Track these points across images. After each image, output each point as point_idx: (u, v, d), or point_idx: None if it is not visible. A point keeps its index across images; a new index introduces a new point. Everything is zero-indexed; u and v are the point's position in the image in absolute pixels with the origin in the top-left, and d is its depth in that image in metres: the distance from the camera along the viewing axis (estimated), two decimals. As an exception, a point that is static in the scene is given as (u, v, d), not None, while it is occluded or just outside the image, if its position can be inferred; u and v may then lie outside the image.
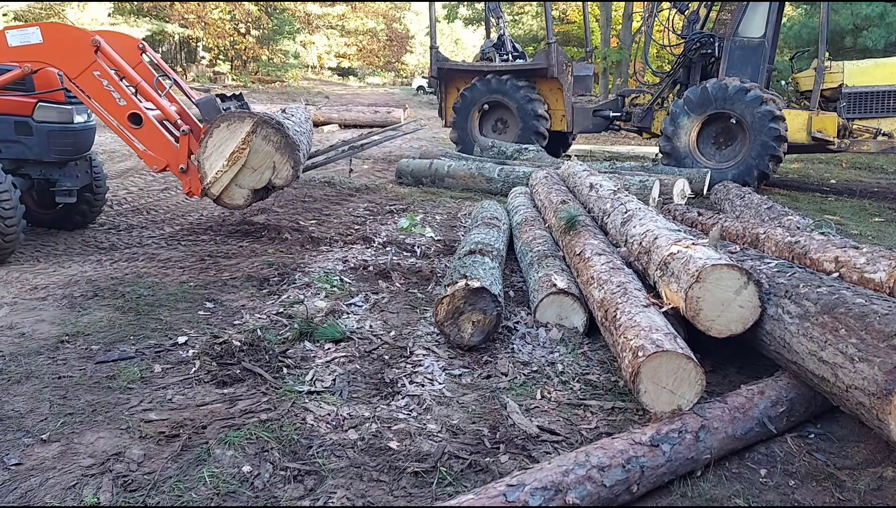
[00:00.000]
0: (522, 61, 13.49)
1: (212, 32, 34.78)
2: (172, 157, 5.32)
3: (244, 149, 4.79)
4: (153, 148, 5.32)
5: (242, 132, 4.73)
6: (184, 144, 5.30)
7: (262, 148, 4.79)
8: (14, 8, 25.55)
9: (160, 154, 5.32)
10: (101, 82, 5.19)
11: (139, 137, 5.28)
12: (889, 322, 2.51)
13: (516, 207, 6.60)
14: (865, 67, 10.38)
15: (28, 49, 5.14)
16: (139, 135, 5.28)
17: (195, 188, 5.29)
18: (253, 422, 2.88)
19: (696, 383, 2.73)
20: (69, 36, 5.23)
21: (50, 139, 5.53)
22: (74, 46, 5.17)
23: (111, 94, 5.22)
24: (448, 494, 2.45)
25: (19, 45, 5.13)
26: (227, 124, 4.78)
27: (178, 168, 5.29)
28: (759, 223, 5.63)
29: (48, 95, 5.51)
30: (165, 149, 5.31)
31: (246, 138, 4.77)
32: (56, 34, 5.20)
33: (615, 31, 24.74)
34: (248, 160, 4.80)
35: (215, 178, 4.80)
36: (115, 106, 5.22)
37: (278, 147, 4.83)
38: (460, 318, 3.73)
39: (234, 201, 4.96)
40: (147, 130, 5.27)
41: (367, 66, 53.06)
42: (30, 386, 3.15)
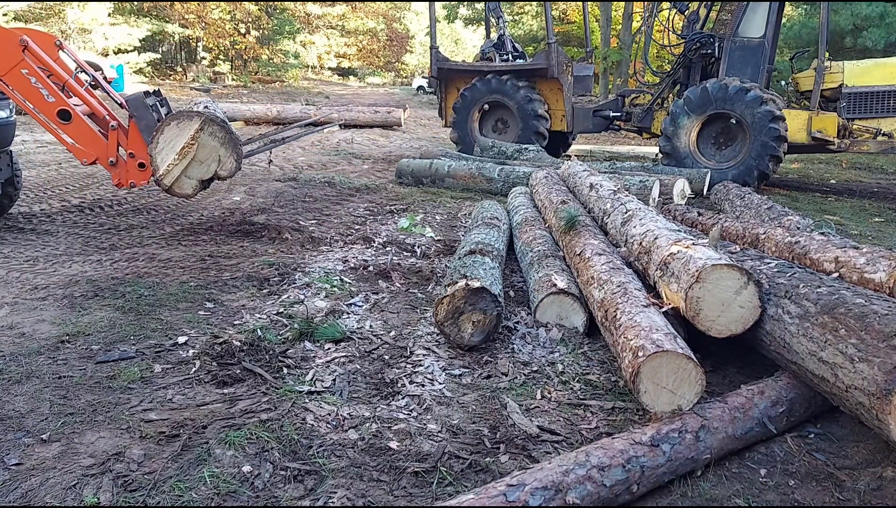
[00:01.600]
0: (522, 61, 13.49)
1: (212, 32, 34.77)
2: (102, 151, 5.63)
3: (192, 144, 5.21)
4: (82, 142, 5.61)
5: (191, 129, 5.14)
6: (113, 138, 5.61)
7: (209, 143, 5.22)
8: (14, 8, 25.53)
9: (89, 148, 5.62)
10: (30, 80, 5.37)
11: (68, 132, 5.57)
12: (889, 322, 2.51)
13: (516, 207, 6.60)
14: (865, 67, 10.38)
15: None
16: (68, 130, 5.56)
17: (124, 180, 5.68)
18: (253, 422, 2.88)
19: (696, 383, 2.73)
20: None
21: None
22: (2, 45, 5.30)
23: (39, 91, 5.40)
24: (448, 494, 2.45)
25: None
26: (176, 123, 5.14)
27: (108, 161, 5.63)
28: (759, 223, 5.63)
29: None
30: (94, 143, 5.61)
31: (194, 135, 5.18)
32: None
33: (615, 32, 24.74)
34: (196, 154, 5.24)
35: (167, 170, 5.19)
36: (44, 103, 5.43)
37: (223, 142, 5.27)
38: (460, 318, 3.73)
39: (184, 191, 5.35)
40: (76, 125, 5.54)
41: (367, 66, 53.06)
42: (30, 386, 3.16)
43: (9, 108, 5.92)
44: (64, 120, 5.52)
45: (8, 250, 5.52)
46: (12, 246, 5.65)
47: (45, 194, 8.02)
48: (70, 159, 10.04)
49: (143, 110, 5.65)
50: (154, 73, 30.90)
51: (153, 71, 30.85)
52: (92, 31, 26.40)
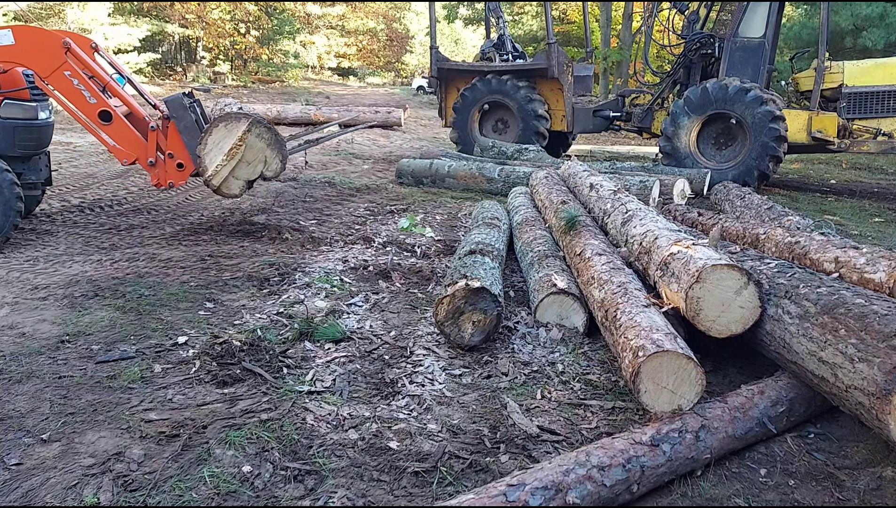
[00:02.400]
0: (522, 61, 13.49)
1: (212, 32, 34.76)
2: (141, 151, 5.81)
3: (240, 146, 5.30)
4: (122, 143, 5.77)
5: (239, 131, 5.25)
6: (152, 139, 5.79)
7: (256, 144, 5.32)
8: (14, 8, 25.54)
9: (129, 149, 5.78)
10: (72, 82, 5.54)
11: (109, 133, 5.72)
12: (889, 322, 2.51)
13: (516, 207, 6.60)
14: (865, 67, 10.38)
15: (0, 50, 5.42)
16: (109, 131, 5.72)
17: (163, 180, 5.88)
18: (253, 422, 2.88)
19: (696, 383, 2.73)
20: (40, 38, 5.53)
21: (15, 135, 5.71)
22: (45, 48, 5.49)
23: (81, 92, 5.57)
24: (448, 494, 2.46)
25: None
26: (224, 124, 5.24)
27: (147, 161, 5.81)
28: (759, 224, 5.64)
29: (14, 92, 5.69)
30: (134, 144, 5.78)
31: (242, 136, 5.28)
32: (28, 36, 5.48)
33: (615, 32, 24.74)
34: (243, 155, 5.34)
35: (216, 171, 5.28)
36: (86, 104, 5.60)
37: (269, 143, 5.38)
38: (461, 318, 3.73)
39: (231, 191, 5.45)
40: (116, 126, 5.71)
41: (367, 66, 53.04)
42: (31, 386, 3.16)
43: (49, 109, 6.07)
44: (105, 121, 5.67)
45: (8, 250, 5.52)
46: (12, 246, 5.65)
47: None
48: (70, 159, 10.05)
49: (182, 112, 5.80)
50: (154, 73, 30.88)
51: (153, 71, 30.83)
52: (92, 31, 26.37)
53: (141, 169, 9.78)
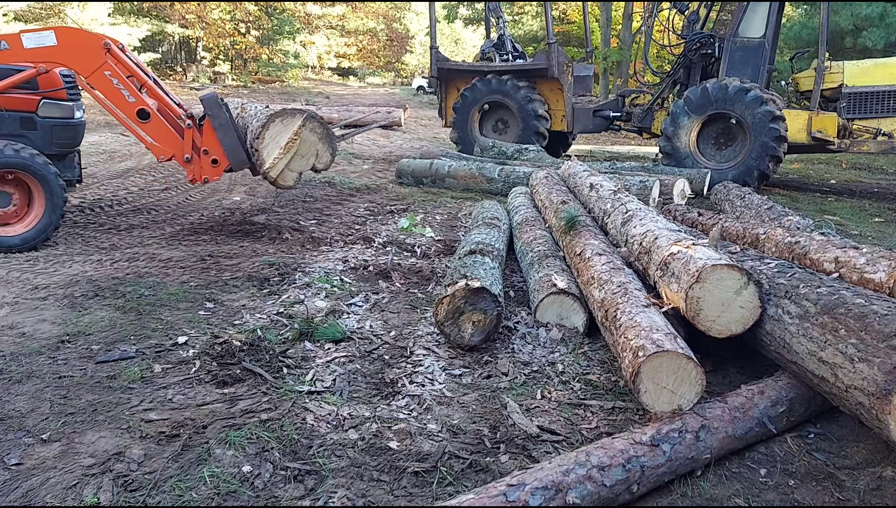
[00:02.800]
0: (522, 61, 13.49)
1: (212, 32, 34.78)
2: (178, 148, 6.02)
3: (295, 140, 5.57)
4: (160, 140, 5.98)
5: (295, 125, 5.51)
6: (188, 136, 6.00)
7: (309, 138, 5.60)
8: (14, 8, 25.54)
9: (166, 145, 5.99)
10: (112, 81, 5.72)
11: (147, 131, 5.92)
12: (889, 322, 2.51)
13: (516, 207, 6.60)
14: (865, 67, 10.39)
15: (42, 51, 5.56)
16: (147, 129, 5.92)
17: (198, 176, 6.09)
18: (253, 422, 2.88)
19: (696, 383, 2.73)
20: (82, 39, 5.73)
21: (53, 133, 5.88)
22: (87, 48, 5.67)
23: (121, 91, 5.75)
24: (448, 494, 2.45)
25: (34, 46, 5.55)
26: (281, 119, 5.52)
27: (184, 158, 6.02)
28: (759, 224, 5.64)
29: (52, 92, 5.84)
30: (171, 141, 6.00)
31: (297, 131, 5.54)
32: (69, 37, 5.66)
33: (615, 32, 24.74)
34: (298, 149, 5.60)
35: (273, 163, 5.54)
36: (125, 102, 5.79)
37: (321, 137, 5.65)
38: (461, 318, 3.73)
39: (286, 182, 5.68)
40: (154, 124, 5.91)
41: (367, 66, 53.04)
42: (31, 386, 3.16)
43: (82, 108, 6.25)
44: (143, 119, 5.87)
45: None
46: (12, 246, 5.65)
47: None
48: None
49: (218, 110, 6.02)
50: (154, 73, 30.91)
51: (153, 71, 30.86)
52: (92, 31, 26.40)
53: (141, 169, 9.86)
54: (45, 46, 5.59)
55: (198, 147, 6.07)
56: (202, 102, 6.05)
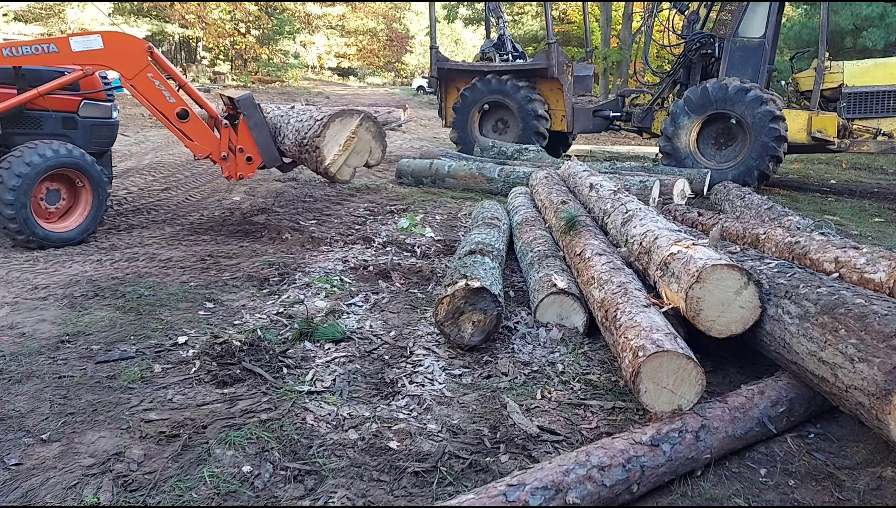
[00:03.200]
0: (522, 61, 13.49)
1: (212, 32, 34.79)
2: (215, 146, 6.33)
3: (353, 138, 5.89)
4: (198, 139, 6.27)
5: (353, 125, 5.84)
6: (224, 135, 6.34)
7: (364, 136, 5.93)
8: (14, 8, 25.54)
9: (204, 144, 6.29)
10: (154, 83, 6.00)
11: (186, 130, 6.20)
12: (889, 322, 2.51)
13: (516, 207, 6.60)
14: (865, 67, 10.39)
15: (90, 54, 5.79)
16: (186, 128, 6.20)
17: (233, 173, 6.42)
18: (253, 422, 2.88)
19: (696, 383, 2.73)
20: (126, 42, 5.98)
21: (92, 133, 6.27)
22: (131, 52, 5.93)
23: (162, 92, 6.05)
24: (448, 494, 2.45)
25: (82, 50, 5.77)
26: (340, 119, 5.83)
27: (220, 156, 6.34)
28: (759, 224, 5.64)
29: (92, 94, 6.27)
30: (208, 139, 6.32)
31: (355, 130, 5.86)
32: (115, 41, 5.91)
33: (615, 31, 24.75)
34: (355, 146, 5.93)
35: (333, 160, 5.87)
36: (166, 103, 6.07)
37: (374, 136, 5.97)
38: (460, 318, 3.73)
39: (344, 177, 5.98)
40: (193, 123, 6.21)
41: (367, 66, 53.06)
42: (30, 386, 3.16)
43: (117, 108, 6.63)
44: (182, 119, 6.15)
45: (8, 250, 5.52)
46: (12, 246, 5.65)
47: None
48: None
49: (253, 110, 6.38)
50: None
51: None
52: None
53: (141, 169, 9.88)
54: (92, 50, 5.81)
55: (233, 145, 6.37)
56: (239, 103, 6.35)
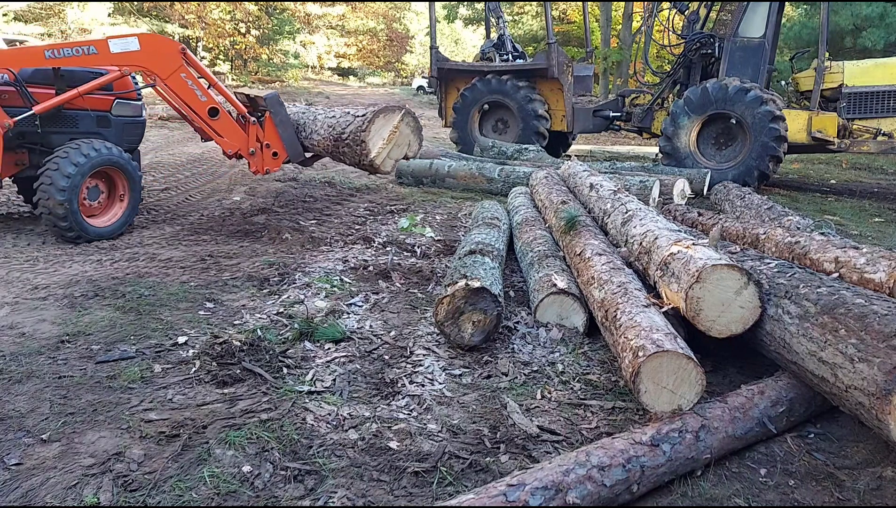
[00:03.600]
0: (522, 61, 13.50)
1: (212, 32, 34.77)
2: (243, 142, 6.59)
3: (396, 132, 6.14)
4: (228, 135, 6.53)
5: (395, 120, 6.11)
6: (252, 132, 6.59)
7: (405, 131, 6.19)
8: (14, 8, 25.54)
9: (233, 140, 6.55)
10: (187, 82, 6.23)
11: (216, 127, 6.47)
12: (889, 322, 2.51)
13: (516, 207, 6.60)
14: (865, 67, 10.39)
15: (127, 55, 6.00)
16: (216, 125, 6.46)
17: (260, 167, 6.69)
18: (253, 422, 2.88)
19: (696, 383, 2.73)
20: (161, 44, 6.22)
21: (124, 131, 6.56)
22: (165, 53, 6.15)
23: (195, 91, 6.28)
24: (448, 494, 2.45)
25: (120, 51, 5.97)
26: (383, 115, 6.11)
27: (248, 151, 6.62)
28: (759, 224, 5.64)
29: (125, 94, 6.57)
30: (237, 136, 6.58)
31: (397, 124, 6.12)
32: (151, 43, 6.15)
33: (615, 32, 24.75)
34: (397, 140, 6.19)
35: (378, 153, 6.11)
36: (198, 102, 6.32)
37: (413, 130, 6.24)
38: (460, 318, 3.73)
39: (386, 169, 6.23)
40: (222, 120, 6.47)
41: (367, 66, 53.06)
42: (30, 386, 3.16)
43: (145, 108, 6.92)
44: (213, 116, 6.40)
45: (8, 250, 5.52)
46: (12, 246, 5.65)
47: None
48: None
49: (279, 108, 6.70)
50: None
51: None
52: (92, 31, 26.39)
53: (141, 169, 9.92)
54: (129, 52, 6.00)
55: (260, 141, 6.62)
56: (266, 101, 6.63)
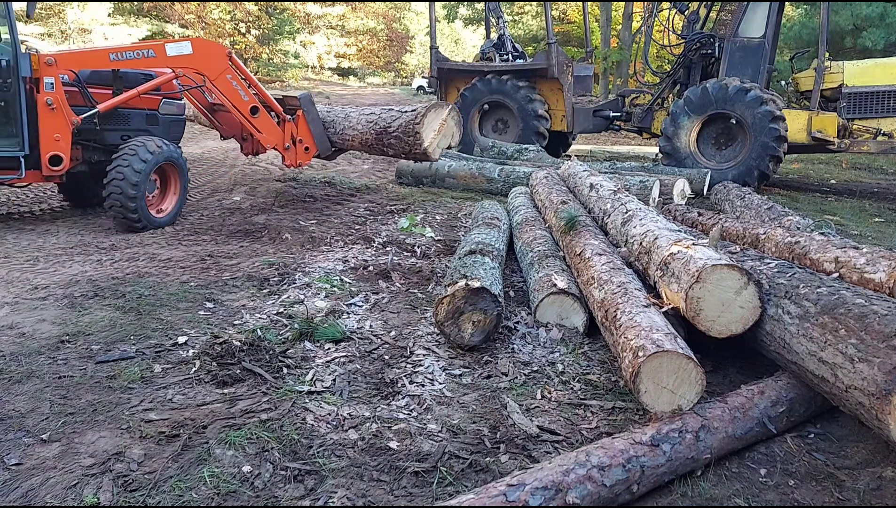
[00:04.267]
0: (522, 61, 13.50)
1: (212, 32, 34.74)
2: (279, 138, 7.36)
3: (444, 124, 6.98)
4: (266, 132, 7.23)
5: (443, 114, 6.98)
6: (287, 128, 7.37)
7: (451, 123, 7.00)
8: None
9: (270, 136, 7.29)
10: (232, 83, 6.91)
11: (256, 124, 7.13)
12: (889, 322, 2.51)
13: (516, 207, 6.60)
14: (865, 67, 10.39)
15: (181, 58, 6.60)
16: (256, 122, 7.12)
17: (294, 161, 7.56)
18: (253, 422, 2.88)
19: (696, 383, 2.73)
20: (211, 48, 6.92)
21: (170, 128, 7.13)
22: (215, 56, 6.81)
23: (238, 91, 6.96)
24: (448, 494, 2.45)
25: (175, 55, 6.56)
26: (433, 110, 6.95)
27: (284, 146, 7.41)
28: (759, 224, 5.64)
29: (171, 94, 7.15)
30: (275, 132, 7.32)
31: (445, 118, 6.96)
32: (202, 47, 6.80)
33: (615, 32, 24.75)
34: (444, 131, 7.02)
35: (430, 142, 6.94)
36: (241, 100, 6.99)
37: (456, 123, 7.01)
38: (460, 318, 3.73)
39: (435, 157, 7.04)
40: (262, 118, 7.18)
41: (367, 66, 53.04)
42: (30, 386, 3.16)
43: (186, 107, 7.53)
44: (253, 114, 7.06)
45: (8, 250, 5.52)
46: (13, 246, 5.65)
47: (45, 193, 8.02)
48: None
49: (311, 106, 7.58)
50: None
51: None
52: (92, 31, 26.39)
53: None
54: (183, 55, 6.56)
55: (294, 137, 7.42)
56: (300, 101, 7.44)
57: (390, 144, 7.19)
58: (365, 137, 7.40)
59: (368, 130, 7.34)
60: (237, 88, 6.94)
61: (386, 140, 7.21)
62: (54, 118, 5.93)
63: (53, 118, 5.93)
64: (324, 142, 7.66)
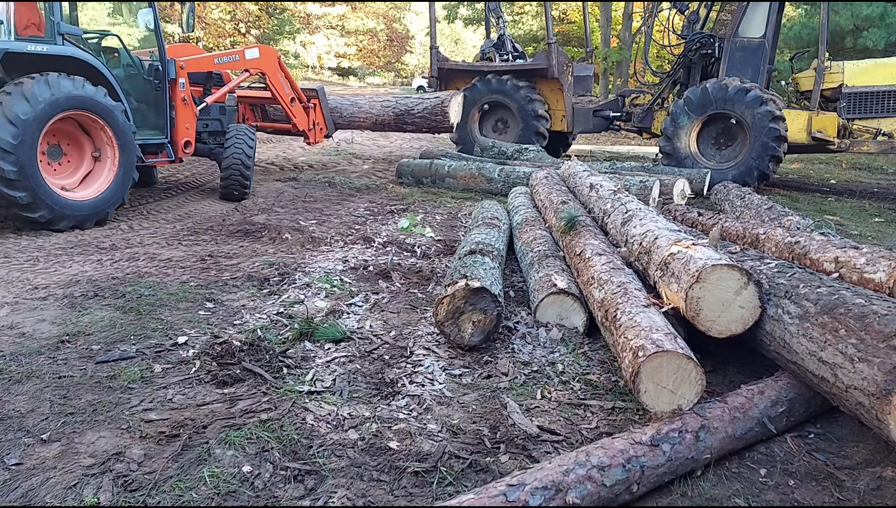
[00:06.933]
0: (522, 61, 13.49)
1: (212, 32, 34.74)
2: (306, 123, 9.68)
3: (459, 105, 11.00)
4: (299, 117, 9.46)
5: (460, 98, 11.13)
6: (311, 115, 9.71)
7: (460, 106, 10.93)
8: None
9: (301, 122, 9.55)
10: (280, 78, 8.96)
11: (293, 111, 9.35)
12: (889, 322, 2.51)
13: (516, 207, 6.60)
14: (865, 67, 10.39)
15: (253, 61, 8.57)
16: (293, 110, 9.34)
17: (313, 140, 10.00)
18: (253, 422, 2.88)
19: (696, 383, 2.73)
20: (270, 53, 8.97)
21: (230, 116, 8.54)
22: (273, 58, 8.89)
23: (284, 86, 9.08)
24: (448, 494, 2.45)
25: (250, 58, 8.51)
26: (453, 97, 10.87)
27: (309, 128, 9.72)
28: (759, 224, 5.64)
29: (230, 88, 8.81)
30: (304, 118, 9.61)
31: (460, 101, 11.08)
32: (265, 51, 8.86)
33: (615, 32, 24.75)
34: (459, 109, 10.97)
35: (455, 119, 10.97)
36: (285, 93, 9.12)
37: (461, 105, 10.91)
38: (460, 318, 3.73)
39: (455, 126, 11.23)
40: (297, 107, 9.44)
41: (367, 66, 53.04)
42: (30, 386, 3.16)
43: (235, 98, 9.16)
44: (291, 103, 9.22)
45: (8, 250, 5.52)
46: (12, 246, 5.65)
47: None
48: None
49: (325, 97, 10.06)
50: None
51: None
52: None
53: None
54: (255, 58, 8.52)
55: (314, 122, 9.71)
56: (317, 92, 9.87)
57: (414, 122, 10.71)
58: (381, 119, 10.99)
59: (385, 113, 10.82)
60: (284, 83, 8.95)
61: (409, 119, 10.79)
62: (186, 111, 7.52)
63: (186, 111, 7.51)
64: (331, 125, 10.22)
